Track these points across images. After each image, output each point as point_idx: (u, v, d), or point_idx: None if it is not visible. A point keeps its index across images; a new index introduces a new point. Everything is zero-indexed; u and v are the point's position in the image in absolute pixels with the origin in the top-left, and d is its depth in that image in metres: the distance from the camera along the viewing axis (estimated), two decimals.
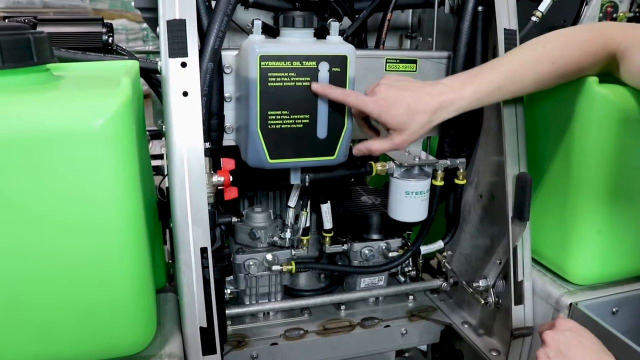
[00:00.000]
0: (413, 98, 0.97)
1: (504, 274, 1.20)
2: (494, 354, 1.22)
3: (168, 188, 0.99)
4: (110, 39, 1.27)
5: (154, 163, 1.52)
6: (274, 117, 0.98)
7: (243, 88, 1.00)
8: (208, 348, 1.00)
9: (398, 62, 1.16)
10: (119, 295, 0.81)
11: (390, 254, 1.33)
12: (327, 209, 1.28)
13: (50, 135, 0.71)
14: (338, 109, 1.02)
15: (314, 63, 0.98)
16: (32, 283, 0.76)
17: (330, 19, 1.03)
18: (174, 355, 0.93)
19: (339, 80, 1.00)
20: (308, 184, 1.13)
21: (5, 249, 0.73)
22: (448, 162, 1.22)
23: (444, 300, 1.43)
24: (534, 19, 1.22)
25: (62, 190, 0.73)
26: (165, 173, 1.38)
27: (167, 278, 1.16)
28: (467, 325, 1.33)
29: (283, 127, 1.00)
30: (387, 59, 1.16)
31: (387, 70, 1.16)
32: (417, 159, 1.18)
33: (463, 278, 1.34)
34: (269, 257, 1.24)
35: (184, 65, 0.95)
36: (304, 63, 0.97)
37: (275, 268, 1.23)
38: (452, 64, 1.18)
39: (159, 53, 0.97)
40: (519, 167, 1.14)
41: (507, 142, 1.13)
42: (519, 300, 1.18)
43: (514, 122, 1.13)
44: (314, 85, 0.99)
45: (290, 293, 1.37)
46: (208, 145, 1.00)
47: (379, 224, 1.34)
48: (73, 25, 1.26)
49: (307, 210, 1.28)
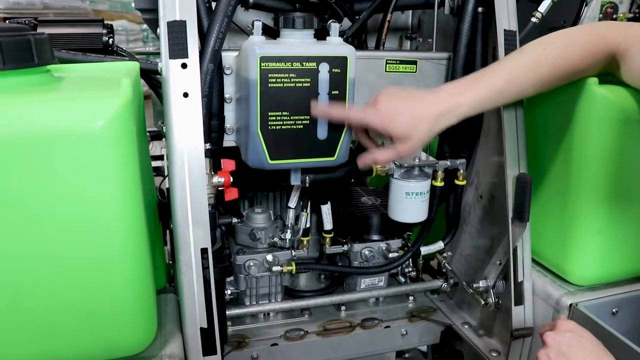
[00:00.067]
0: (414, 107, 0.98)
1: (504, 275, 1.20)
2: (494, 355, 1.22)
3: (168, 189, 0.99)
4: (111, 40, 1.27)
5: (155, 164, 1.52)
6: (275, 118, 0.99)
7: (243, 89, 1.00)
8: (208, 349, 1.00)
9: (398, 63, 1.17)
10: (120, 296, 0.81)
11: (391, 255, 1.33)
12: (327, 210, 1.28)
13: (51, 137, 0.71)
14: None
15: (314, 64, 0.98)
16: (33, 284, 0.76)
17: (331, 20, 1.03)
18: (175, 356, 0.93)
19: (339, 81, 1.00)
20: (308, 185, 1.13)
21: (6, 250, 0.74)
22: (448, 162, 1.22)
23: (444, 301, 1.43)
24: (534, 20, 1.22)
25: (62, 192, 0.73)
26: (166, 174, 1.39)
27: (167, 279, 1.16)
28: (467, 326, 1.33)
29: (283, 128, 1.00)
30: (387, 60, 1.16)
31: (387, 72, 1.16)
32: (417, 160, 1.18)
33: (463, 279, 1.34)
34: (269, 257, 1.25)
35: (185, 67, 0.95)
36: (304, 64, 0.97)
37: (276, 269, 1.23)
38: (452, 65, 1.18)
39: (159, 54, 0.97)
40: (519, 167, 1.14)
41: (507, 142, 1.13)
42: (519, 301, 1.18)
43: (514, 122, 1.14)
44: (314, 108, 1.00)
45: (291, 294, 1.37)
46: (208, 146, 1.00)
47: (379, 225, 1.34)
48: (73, 27, 1.26)
49: (307, 211, 1.28)
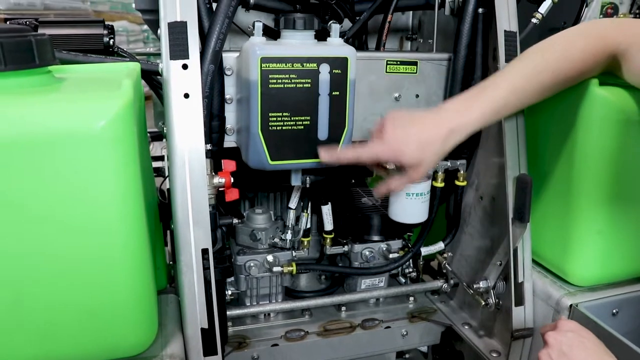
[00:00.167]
0: (421, 132, 0.97)
1: (505, 275, 1.20)
2: (495, 355, 1.22)
3: (169, 189, 0.99)
4: (112, 41, 1.27)
5: (155, 165, 1.52)
6: (275, 118, 0.99)
7: (244, 90, 1.00)
8: (209, 349, 1.00)
9: (398, 63, 1.17)
10: (121, 297, 0.81)
11: (391, 256, 1.33)
12: (327, 211, 1.28)
13: (52, 137, 0.71)
14: (339, 111, 1.02)
15: (315, 65, 0.98)
16: (34, 285, 0.76)
17: (331, 21, 1.03)
18: (175, 356, 0.93)
19: (340, 82, 1.00)
20: (309, 186, 1.13)
21: (7, 251, 0.74)
22: (448, 163, 1.22)
23: (445, 302, 1.43)
24: (534, 21, 1.22)
25: (63, 192, 0.73)
26: (166, 175, 1.39)
27: (168, 279, 1.16)
28: (467, 327, 1.33)
29: (284, 128, 1.00)
30: (387, 61, 1.16)
31: (387, 72, 1.16)
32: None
33: (463, 279, 1.34)
34: (270, 258, 1.25)
35: (185, 67, 0.95)
36: (305, 65, 0.98)
37: (276, 269, 1.23)
38: (452, 66, 1.18)
39: (160, 55, 0.98)
40: (519, 168, 1.14)
41: (507, 143, 1.13)
42: (520, 302, 1.18)
43: (514, 123, 1.14)
44: (322, 156, 1.01)
45: (291, 294, 1.37)
46: (209, 147, 1.00)
47: (380, 226, 1.34)
48: (74, 27, 1.26)
49: (307, 212, 1.28)
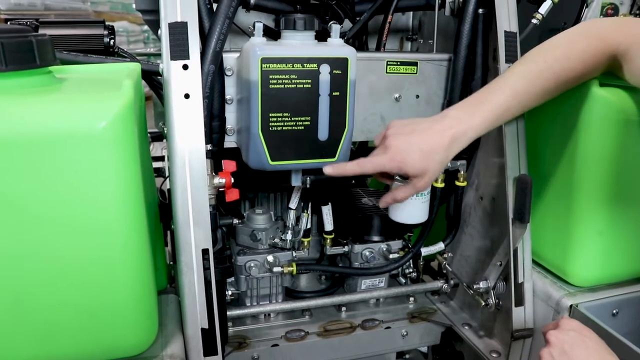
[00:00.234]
0: (424, 141, 0.97)
1: (505, 276, 1.20)
2: (495, 356, 1.22)
3: (169, 190, 0.99)
4: (112, 41, 1.27)
5: (156, 165, 1.53)
6: (275, 119, 0.99)
7: (244, 90, 1.00)
8: (209, 349, 1.00)
9: (399, 64, 1.17)
10: (121, 297, 0.81)
11: (391, 256, 1.33)
12: (328, 211, 1.28)
13: (53, 138, 0.71)
14: (339, 111, 1.02)
15: (315, 65, 0.98)
16: (34, 285, 0.76)
17: (331, 22, 1.03)
18: (176, 356, 0.93)
19: (340, 83, 1.00)
20: (309, 186, 1.13)
21: (8, 251, 0.74)
22: (449, 164, 1.22)
23: (445, 302, 1.43)
24: (535, 22, 1.22)
25: (64, 192, 0.73)
26: (167, 175, 1.39)
27: (168, 280, 1.16)
28: (467, 327, 1.33)
29: (284, 129, 1.00)
30: (387, 61, 1.16)
31: (387, 73, 1.16)
32: None
33: (463, 280, 1.34)
34: (270, 258, 1.25)
35: (186, 68, 0.95)
36: (305, 65, 0.98)
37: (276, 269, 1.24)
38: (452, 66, 1.18)
39: (160, 55, 0.98)
40: (520, 169, 1.14)
41: (507, 144, 1.14)
42: (520, 302, 1.18)
43: (515, 124, 1.14)
44: (327, 170, 1.01)
45: (291, 294, 1.37)
46: (209, 147, 1.01)
47: (380, 226, 1.34)
48: (74, 28, 1.27)
49: (308, 212, 1.28)
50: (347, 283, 1.40)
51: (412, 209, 1.17)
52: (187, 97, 0.95)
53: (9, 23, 1.28)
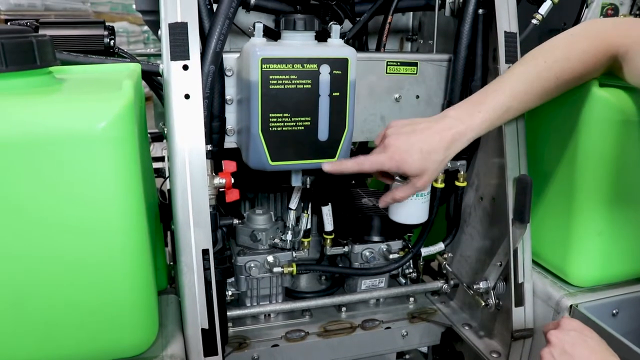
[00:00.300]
0: (424, 141, 0.97)
1: (505, 276, 1.20)
2: (495, 356, 1.22)
3: (169, 190, 0.99)
4: (112, 42, 1.27)
5: (156, 165, 1.53)
6: (275, 119, 0.99)
7: (244, 90, 1.00)
8: (209, 349, 1.00)
9: (399, 64, 1.17)
10: (121, 297, 0.81)
11: (391, 256, 1.33)
12: (328, 211, 1.28)
13: (53, 138, 0.71)
14: (339, 112, 1.02)
15: (315, 66, 0.98)
16: (35, 285, 0.76)
17: (332, 22, 1.04)
18: (176, 357, 0.93)
19: (340, 83, 1.00)
20: (309, 186, 1.13)
21: (8, 252, 0.74)
22: (449, 164, 1.22)
23: (445, 302, 1.43)
24: (535, 22, 1.22)
25: (64, 193, 0.74)
26: (167, 175, 1.39)
27: (168, 280, 1.16)
28: (467, 327, 1.33)
29: (284, 129, 1.00)
30: (387, 62, 1.16)
31: (387, 73, 1.16)
32: None
33: (464, 280, 1.34)
34: (270, 259, 1.25)
35: (186, 68, 0.95)
36: (305, 66, 0.98)
37: (277, 270, 1.24)
38: (452, 67, 1.18)
39: (161, 56, 0.98)
40: (520, 169, 1.15)
41: (507, 144, 1.14)
42: (520, 302, 1.18)
43: (515, 124, 1.14)
44: (326, 167, 1.02)
45: (291, 295, 1.37)
46: (209, 148, 1.01)
47: (380, 226, 1.34)
48: (75, 28, 1.27)
49: (308, 213, 1.28)
50: (347, 283, 1.40)
51: (412, 209, 1.17)
52: (187, 97, 0.95)
53: (9, 24, 1.28)
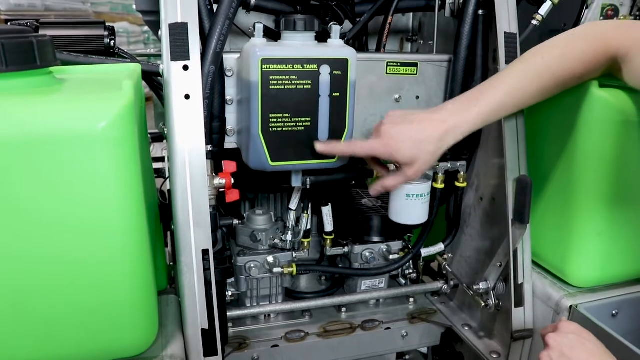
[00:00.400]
0: (417, 130, 0.98)
1: (505, 277, 1.20)
2: (495, 357, 1.22)
3: (169, 190, 0.99)
4: (112, 42, 1.27)
5: (156, 166, 1.53)
6: (276, 120, 0.99)
7: (245, 91, 1.00)
8: (209, 350, 1.00)
9: (399, 65, 1.17)
10: (121, 297, 0.81)
11: (391, 257, 1.33)
12: (328, 212, 1.28)
13: (53, 138, 0.71)
14: (339, 112, 1.03)
15: (315, 66, 0.98)
16: (35, 285, 0.76)
17: (332, 23, 1.04)
18: (176, 357, 0.93)
19: (340, 84, 1.00)
20: (309, 187, 1.13)
21: (8, 252, 0.74)
22: (449, 165, 1.22)
23: (445, 303, 1.43)
24: (535, 23, 1.22)
25: (64, 193, 0.74)
26: (167, 176, 1.39)
27: (168, 280, 1.16)
28: (467, 328, 1.33)
29: (284, 129, 1.00)
30: (388, 62, 1.16)
31: (387, 74, 1.16)
32: None
33: (463, 280, 1.34)
34: (270, 259, 1.25)
35: (186, 69, 0.95)
36: (305, 66, 0.98)
37: (277, 270, 1.24)
38: (452, 67, 1.18)
39: (161, 56, 0.98)
40: (520, 170, 1.15)
41: (507, 145, 1.14)
42: (519, 303, 1.18)
43: (515, 125, 1.14)
44: (318, 146, 1.02)
45: (291, 295, 1.37)
46: (210, 148, 1.01)
47: (380, 227, 1.35)
48: (75, 29, 1.27)
49: (308, 213, 1.28)
50: (347, 284, 1.40)
51: (412, 210, 1.17)
52: (187, 97, 0.95)
53: (10, 24, 1.28)
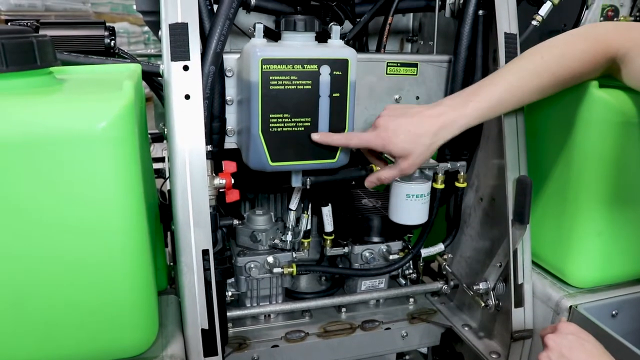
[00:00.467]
0: (412, 123, 0.99)
1: (504, 277, 1.21)
2: (494, 357, 1.22)
3: (169, 191, 1.00)
4: (113, 42, 1.27)
5: (156, 166, 1.53)
6: (276, 120, 0.99)
7: (245, 91, 1.01)
8: (209, 350, 1.00)
9: (399, 65, 1.17)
10: (121, 298, 0.81)
11: (391, 257, 1.33)
12: (328, 212, 1.28)
13: (53, 138, 0.71)
14: (339, 112, 1.03)
15: (315, 66, 0.98)
16: (35, 285, 0.76)
17: (332, 23, 1.03)
18: (176, 357, 0.93)
19: (340, 84, 1.01)
20: (309, 187, 1.14)
21: (8, 252, 0.74)
22: (449, 165, 1.22)
23: (445, 303, 1.43)
24: (535, 23, 1.22)
25: (64, 193, 0.74)
26: (167, 176, 1.39)
27: (168, 281, 1.17)
28: (467, 328, 1.33)
29: (284, 130, 1.00)
30: (388, 63, 1.16)
31: (388, 74, 1.16)
32: None
33: (463, 281, 1.34)
34: (270, 259, 1.25)
35: (186, 69, 0.95)
36: (306, 66, 0.98)
37: (277, 270, 1.24)
38: (452, 68, 1.18)
39: (161, 56, 0.98)
40: (519, 170, 1.15)
41: (507, 145, 1.14)
42: (519, 303, 1.18)
43: (515, 125, 1.14)
44: (314, 136, 1.02)
45: (291, 295, 1.37)
46: (210, 148, 1.01)
47: (380, 227, 1.35)
48: (75, 29, 1.27)
49: (308, 213, 1.28)
50: (347, 284, 1.40)
51: (412, 210, 1.17)
52: (187, 98, 0.95)
53: (10, 24, 1.28)
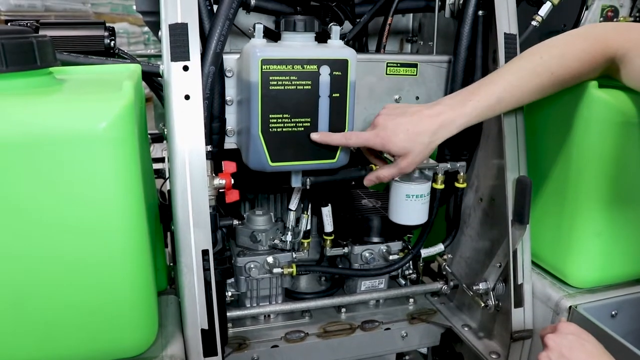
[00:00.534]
0: (411, 122, 1.00)
1: (504, 277, 1.21)
2: (494, 357, 1.22)
3: (169, 191, 1.00)
4: (113, 43, 1.27)
5: (156, 166, 1.52)
6: (275, 120, 0.99)
7: (244, 91, 1.01)
8: (209, 350, 1.00)
9: (399, 66, 1.17)
10: (121, 298, 0.81)
11: (391, 257, 1.33)
12: (328, 212, 1.28)
13: (53, 139, 0.71)
14: (339, 113, 1.03)
15: (315, 67, 0.98)
16: (35, 285, 0.76)
17: (332, 23, 1.04)
18: (176, 357, 0.93)
19: (340, 84, 1.01)
20: (309, 187, 1.14)
21: (8, 252, 0.74)
22: (448, 165, 1.22)
23: (445, 303, 1.43)
24: (534, 24, 1.22)
25: (64, 193, 0.74)
26: (167, 176, 1.39)
27: (168, 281, 1.17)
28: (467, 328, 1.33)
29: (284, 130, 1.00)
30: (387, 63, 1.16)
31: (387, 74, 1.17)
32: None
33: (463, 281, 1.34)
34: (270, 259, 1.25)
35: (186, 69, 0.95)
36: (305, 67, 0.98)
37: (276, 271, 1.24)
38: (452, 68, 1.18)
39: (161, 56, 0.98)
40: (519, 170, 1.15)
41: (507, 145, 1.14)
42: (519, 303, 1.18)
43: (514, 125, 1.14)
44: (314, 136, 1.02)
45: (291, 296, 1.37)
46: (209, 148, 1.01)
47: (380, 227, 1.35)
48: (75, 29, 1.27)
49: (308, 213, 1.28)
50: (346, 284, 1.40)
51: (411, 211, 1.17)
52: (187, 98, 0.95)
53: (10, 24, 1.28)
